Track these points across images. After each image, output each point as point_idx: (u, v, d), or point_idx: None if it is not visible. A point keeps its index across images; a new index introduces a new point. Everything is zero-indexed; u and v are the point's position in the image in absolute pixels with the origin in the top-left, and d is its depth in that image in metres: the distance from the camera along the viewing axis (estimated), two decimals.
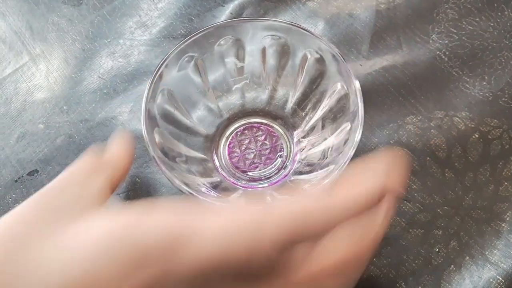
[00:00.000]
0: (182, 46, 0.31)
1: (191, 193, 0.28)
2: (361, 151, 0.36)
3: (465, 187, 0.35)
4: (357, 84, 0.29)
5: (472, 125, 0.36)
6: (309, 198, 0.20)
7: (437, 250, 0.33)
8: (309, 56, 0.33)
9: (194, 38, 0.31)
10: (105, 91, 0.38)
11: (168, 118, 0.33)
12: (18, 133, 0.38)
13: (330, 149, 0.31)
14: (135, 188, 0.35)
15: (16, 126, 0.38)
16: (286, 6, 0.42)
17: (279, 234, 0.18)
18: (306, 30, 0.31)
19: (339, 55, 0.30)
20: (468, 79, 0.38)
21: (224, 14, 0.42)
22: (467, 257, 0.33)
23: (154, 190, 0.35)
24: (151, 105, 0.30)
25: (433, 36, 0.40)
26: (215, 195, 0.32)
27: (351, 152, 0.27)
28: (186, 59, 0.32)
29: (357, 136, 0.27)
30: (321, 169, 0.31)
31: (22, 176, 0.36)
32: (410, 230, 0.34)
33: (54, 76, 0.40)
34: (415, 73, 0.38)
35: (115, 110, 0.38)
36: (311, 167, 0.33)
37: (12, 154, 0.37)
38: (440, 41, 0.40)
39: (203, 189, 0.32)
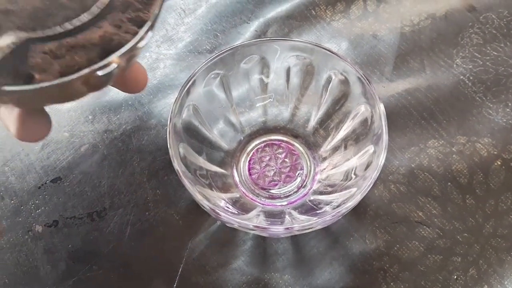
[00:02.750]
0: (209, 64, 0.32)
1: (211, 209, 0.28)
2: (382, 173, 0.35)
3: (486, 215, 0.34)
4: (382, 107, 0.29)
5: (495, 152, 0.36)
6: None
7: (455, 277, 0.33)
8: (333, 77, 0.33)
9: (221, 55, 0.32)
10: (130, 102, 0.39)
11: (192, 132, 0.33)
12: (44, 140, 0.38)
13: (352, 171, 0.31)
14: (156, 200, 0.35)
15: None
16: (311, 25, 0.43)
17: None
18: (331, 52, 0.32)
19: (365, 77, 0.30)
20: (491, 105, 0.38)
21: (249, 31, 0.42)
22: (486, 286, 0.32)
23: (173, 204, 0.35)
24: (176, 119, 0.31)
25: (457, 60, 0.40)
26: (235, 211, 0.32)
27: (375, 176, 0.27)
28: (213, 75, 0.33)
29: (381, 160, 0.27)
30: (342, 190, 0.31)
31: (46, 183, 0.37)
32: (429, 255, 0.33)
33: None
34: (438, 97, 0.38)
35: (139, 122, 0.38)
36: (332, 187, 0.33)
37: (36, 161, 0.38)
38: (464, 66, 0.40)
39: (222, 204, 0.32)
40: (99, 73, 0.22)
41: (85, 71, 0.21)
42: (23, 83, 0.20)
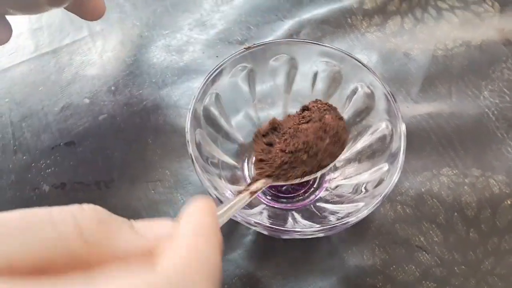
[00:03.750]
0: (239, 56, 0.32)
1: (217, 198, 0.28)
2: (391, 192, 0.35)
3: (487, 251, 0.34)
4: (403, 127, 0.29)
5: (507, 191, 0.36)
6: None
7: None
8: (359, 89, 0.33)
9: (252, 50, 0.32)
10: (154, 80, 0.39)
11: (211, 120, 0.33)
12: (64, 103, 0.39)
13: (363, 185, 0.31)
14: (164, 179, 0.36)
15: (63, 96, 0.39)
16: (344, 33, 0.42)
17: None
18: (362, 63, 0.32)
19: (391, 95, 0.30)
20: (511, 143, 0.38)
21: (282, 29, 0.42)
22: None
23: (181, 186, 0.35)
24: (198, 105, 0.31)
25: (485, 92, 0.40)
26: None
27: (385, 194, 0.27)
28: (240, 68, 0.33)
29: (394, 179, 0.27)
30: (349, 203, 0.31)
31: (60, 145, 0.37)
32: (423, 281, 0.33)
33: (108, 55, 0.41)
34: (460, 126, 0.38)
35: (160, 101, 0.39)
36: (339, 198, 0.33)
37: (53, 122, 0.38)
38: (491, 99, 0.39)
39: (227, 195, 0.32)
40: None
41: None
42: None
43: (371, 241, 0.34)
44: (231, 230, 0.34)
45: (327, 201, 0.33)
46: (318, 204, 0.34)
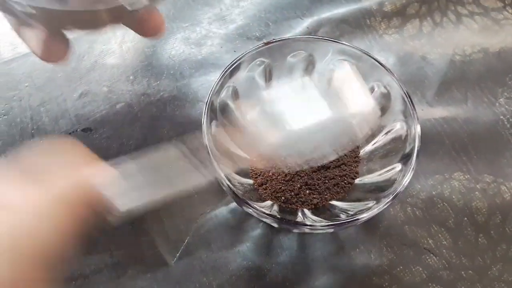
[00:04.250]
0: (257, 50, 0.32)
1: (230, 189, 0.28)
2: (401, 193, 0.35)
3: (495, 257, 0.34)
4: (418, 129, 0.29)
5: None
6: None
7: None
8: (376, 89, 0.33)
9: (271, 45, 0.32)
10: (172, 72, 0.40)
11: (227, 113, 0.34)
12: (82, 89, 0.39)
13: (374, 184, 0.31)
14: None
15: (82, 83, 0.40)
16: (363, 34, 0.43)
17: None
18: (380, 63, 0.32)
19: (408, 96, 0.30)
20: None
21: (300, 27, 0.43)
22: None
23: None
24: (215, 98, 0.31)
25: (501, 99, 0.40)
26: (251, 197, 0.32)
27: (396, 194, 0.27)
28: (258, 62, 0.33)
29: (406, 180, 0.28)
30: (359, 201, 0.31)
31: (76, 131, 0.38)
32: (430, 284, 0.33)
33: (128, 45, 0.41)
34: (474, 131, 0.38)
35: (176, 93, 0.39)
36: (350, 196, 0.33)
37: (72, 108, 0.39)
38: (507, 107, 0.39)
39: (237, 187, 0.32)
40: (128, 7, 0.24)
41: (118, 2, 0.23)
42: (58, 5, 0.23)
43: (380, 241, 0.34)
44: (239, 223, 0.35)
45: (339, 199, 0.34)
46: (329, 201, 0.34)
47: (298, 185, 0.33)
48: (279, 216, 0.28)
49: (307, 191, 0.33)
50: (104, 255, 0.34)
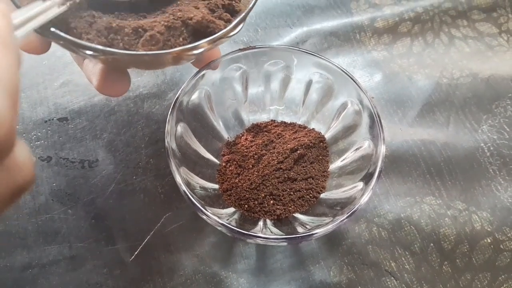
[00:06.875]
0: (232, 56, 0.32)
1: (186, 193, 0.28)
2: (369, 213, 0.35)
3: (458, 287, 0.33)
4: (383, 149, 0.29)
5: (489, 229, 0.35)
6: None
7: None
8: (349, 105, 0.33)
9: (246, 52, 0.32)
10: (154, 70, 0.40)
11: (199, 115, 0.33)
12: (64, 79, 0.40)
13: (337, 200, 0.31)
14: (146, 167, 0.36)
15: (65, 72, 0.40)
16: (350, 48, 0.42)
17: None
18: (354, 81, 0.31)
19: (377, 115, 0.30)
20: (502, 182, 0.37)
21: (289, 36, 0.42)
22: None
23: (161, 177, 0.36)
24: (185, 98, 0.31)
25: (484, 127, 0.39)
26: (211, 203, 0.32)
27: (351, 213, 0.27)
28: (234, 67, 0.33)
29: (364, 200, 0.27)
30: (320, 216, 0.30)
31: (53, 119, 0.38)
32: None
33: None
34: (452, 157, 0.37)
35: (156, 90, 0.39)
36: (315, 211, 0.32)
37: (51, 96, 0.39)
38: (489, 134, 0.38)
39: (202, 193, 0.32)
40: (190, 52, 0.24)
41: (181, 48, 0.24)
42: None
43: (341, 258, 0.34)
44: (202, 227, 0.34)
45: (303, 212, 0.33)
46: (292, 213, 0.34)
47: (263, 195, 0.32)
48: (234, 225, 0.28)
49: (271, 201, 0.32)
50: (63, 247, 0.34)
